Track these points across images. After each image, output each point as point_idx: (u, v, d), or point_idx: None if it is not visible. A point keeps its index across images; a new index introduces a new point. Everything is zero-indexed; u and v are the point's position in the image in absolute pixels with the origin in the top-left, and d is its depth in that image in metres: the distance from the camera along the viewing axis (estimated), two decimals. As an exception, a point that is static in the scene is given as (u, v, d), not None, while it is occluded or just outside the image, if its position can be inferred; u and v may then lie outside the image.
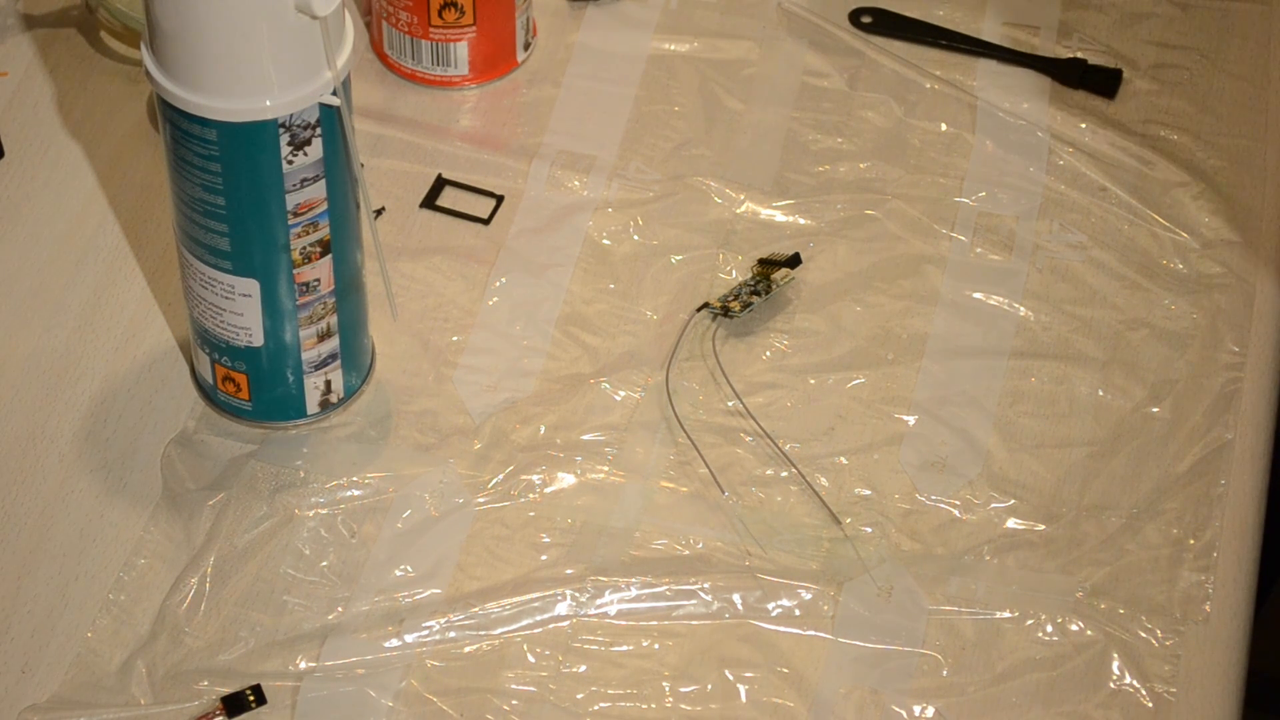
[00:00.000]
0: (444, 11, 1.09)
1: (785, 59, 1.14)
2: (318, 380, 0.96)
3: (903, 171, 1.09)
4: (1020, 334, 1.03)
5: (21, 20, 1.14)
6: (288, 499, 0.95)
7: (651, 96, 1.12)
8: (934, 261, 1.05)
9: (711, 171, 1.09)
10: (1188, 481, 0.97)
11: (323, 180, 0.88)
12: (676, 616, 0.92)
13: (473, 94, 1.12)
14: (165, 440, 0.97)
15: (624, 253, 1.05)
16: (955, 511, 0.96)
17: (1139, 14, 1.17)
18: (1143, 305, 1.04)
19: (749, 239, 1.06)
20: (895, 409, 1.00)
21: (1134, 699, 0.90)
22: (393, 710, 0.88)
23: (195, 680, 0.89)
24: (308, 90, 0.84)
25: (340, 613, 0.91)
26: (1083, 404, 1.00)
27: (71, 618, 0.91)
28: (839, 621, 0.92)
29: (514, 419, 0.98)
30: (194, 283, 0.92)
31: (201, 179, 0.87)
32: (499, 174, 1.09)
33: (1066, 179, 1.09)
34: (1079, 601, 0.93)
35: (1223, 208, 1.08)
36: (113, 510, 0.94)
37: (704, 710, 0.89)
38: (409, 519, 0.94)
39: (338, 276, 0.92)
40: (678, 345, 1.01)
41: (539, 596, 0.92)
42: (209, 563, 0.92)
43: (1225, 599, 0.93)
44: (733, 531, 0.95)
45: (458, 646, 0.90)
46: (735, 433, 0.98)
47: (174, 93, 0.84)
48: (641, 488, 0.96)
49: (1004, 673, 0.91)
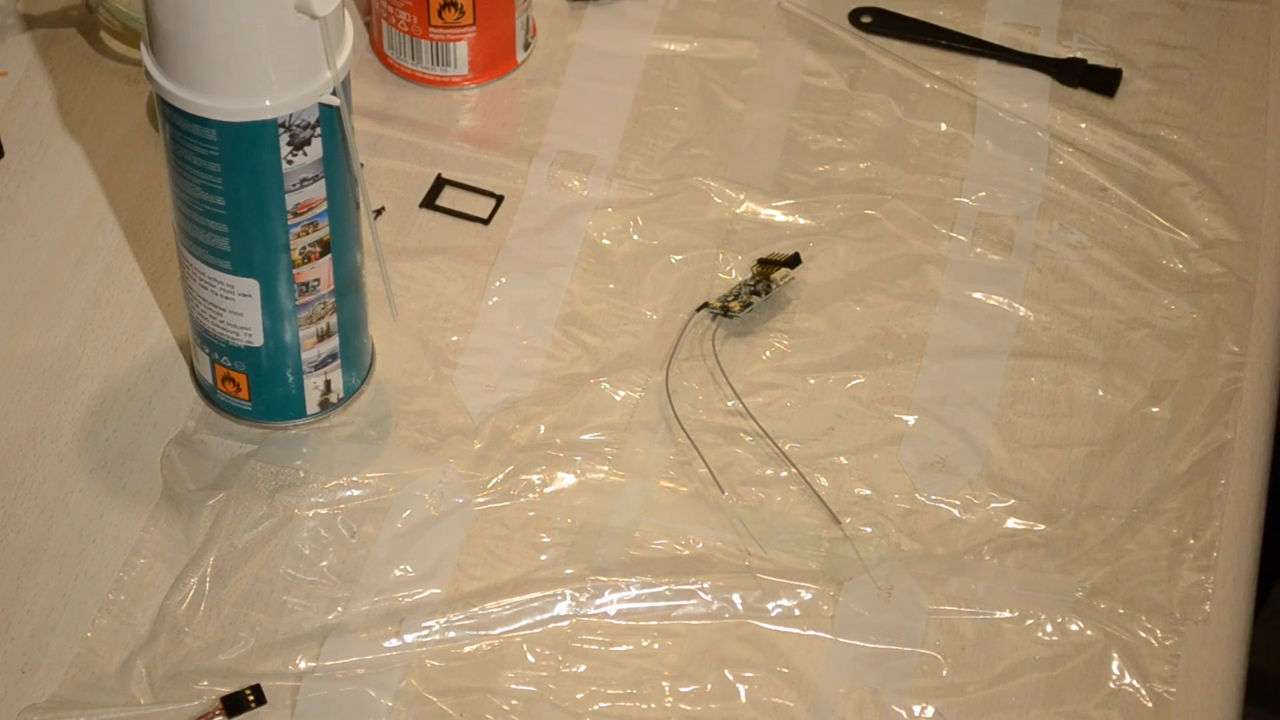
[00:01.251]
0: (444, 11, 1.09)
1: (785, 59, 1.14)
2: (317, 380, 0.96)
3: (903, 171, 1.09)
4: (1020, 334, 1.03)
5: (21, 20, 1.14)
6: (288, 499, 0.95)
7: (651, 96, 1.12)
8: (934, 261, 1.05)
9: (711, 171, 1.09)
10: (1188, 481, 0.97)
11: (322, 180, 0.88)
12: (676, 616, 0.92)
13: (473, 94, 1.12)
14: (165, 440, 0.97)
15: (624, 253, 1.05)
16: (955, 511, 0.96)
17: (1139, 14, 1.17)
18: (1143, 305, 1.04)
19: (749, 239, 1.06)
20: (895, 409, 1.00)
21: (1134, 699, 0.90)
22: (392, 710, 0.88)
23: (195, 680, 0.89)
24: (307, 90, 0.84)
25: (340, 613, 0.91)
26: (1083, 404, 1.00)
27: (71, 618, 0.91)
28: (839, 621, 0.92)
29: (514, 419, 0.98)
30: (194, 283, 0.92)
31: (201, 179, 0.87)
32: (499, 174, 1.09)
33: (1066, 179, 1.09)
34: (1079, 601, 0.93)
35: (1223, 208, 1.08)
36: (113, 510, 0.94)
37: (704, 710, 0.89)
38: (409, 519, 0.94)
39: (337, 276, 0.92)
40: (677, 345, 1.01)
41: (539, 596, 0.92)
42: (209, 563, 0.92)
43: (1225, 599, 0.93)
44: (733, 531, 0.95)
45: (457, 646, 0.90)
46: (735, 433, 0.98)
47: (174, 93, 0.84)
48: (641, 488, 0.96)
49: (1004, 673, 0.91)
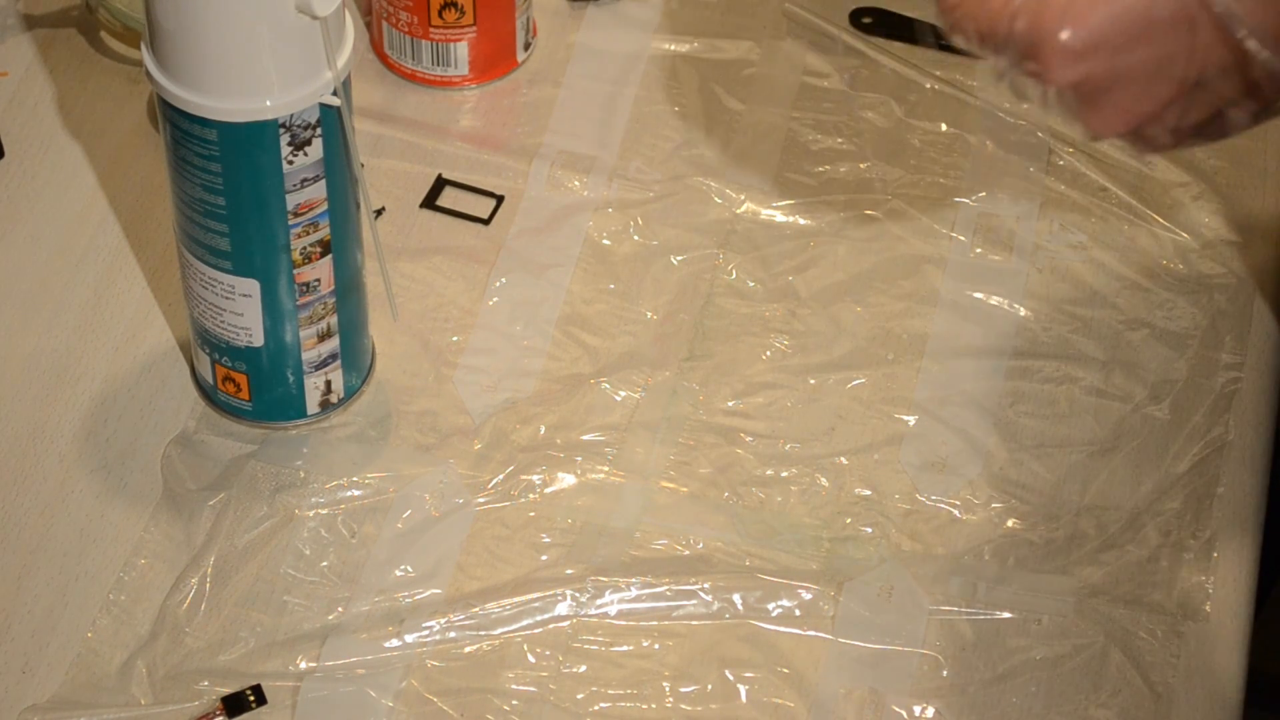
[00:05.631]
0: (444, 11, 1.09)
1: (785, 59, 1.14)
2: (318, 380, 0.96)
3: (903, 171, 1.09)
4: (1020, 334, 1.03)
5: (21, 20, 1.14)
6: (288, 499, 0.95)
7: (651, 96, 1.12)
8: (934, 261, 1.05)
9: (711, 171, 1.09)
10: (1188, 481, 0.97)
11: (323, 180, 0.88)
12: (676, 616, 0.92)
13: (473, 94, 1.12)
14: (165, 440, 0.97)
15: (624, 253, 1.05)
16: (955, 511, 0.96)
17: (1139, 14, 1.17)
18: (1143, 305, 1.04)
19: (749, 239, 1.06)
20: (895, 409, 1.00)
21: (1134, 699, 0.90)
22: (393, 710, 0.88)
23: (195, 680, 0.89)
24: (308, 90, 0.84)
25: (340, 613, 0.91)
26: (1083, 404, 1.00)
27: (71, 618, 0.91)
28: (839, 621, 0.92)
29: (514, 419, 0.98)
30: (194, 283, 0.92)
31: (202, 179, 0.87)
32: (499, 174, 1.09)
33: (1066, 179, 1.09)
34: (1079, 601, 0.93)
35: (1223, 208, 1.08)
36: (113, 510, 0.94)
37: (704, 710, 0.89)
38: (409, 519, 0.94)
39: (338, 276, 0.92)
40: (679, 345, 1.01)
41: (539, 596, 0.92)
42: (209, 563, 0.92)
43: (1225, 599, 0.93)
44: (733, 531, 0.95)
45: (458, 646, 0.90)
46: (735, 433, 0.98)
47: (174, 93, 0.84)
48: (641, 488, 0.96)
49: (1004, 673, 0.91)
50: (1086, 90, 0.72)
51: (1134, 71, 0.71)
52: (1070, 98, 0.73)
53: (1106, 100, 0.72)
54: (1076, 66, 0.71)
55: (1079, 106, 0.73)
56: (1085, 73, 0.71)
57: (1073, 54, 0.71)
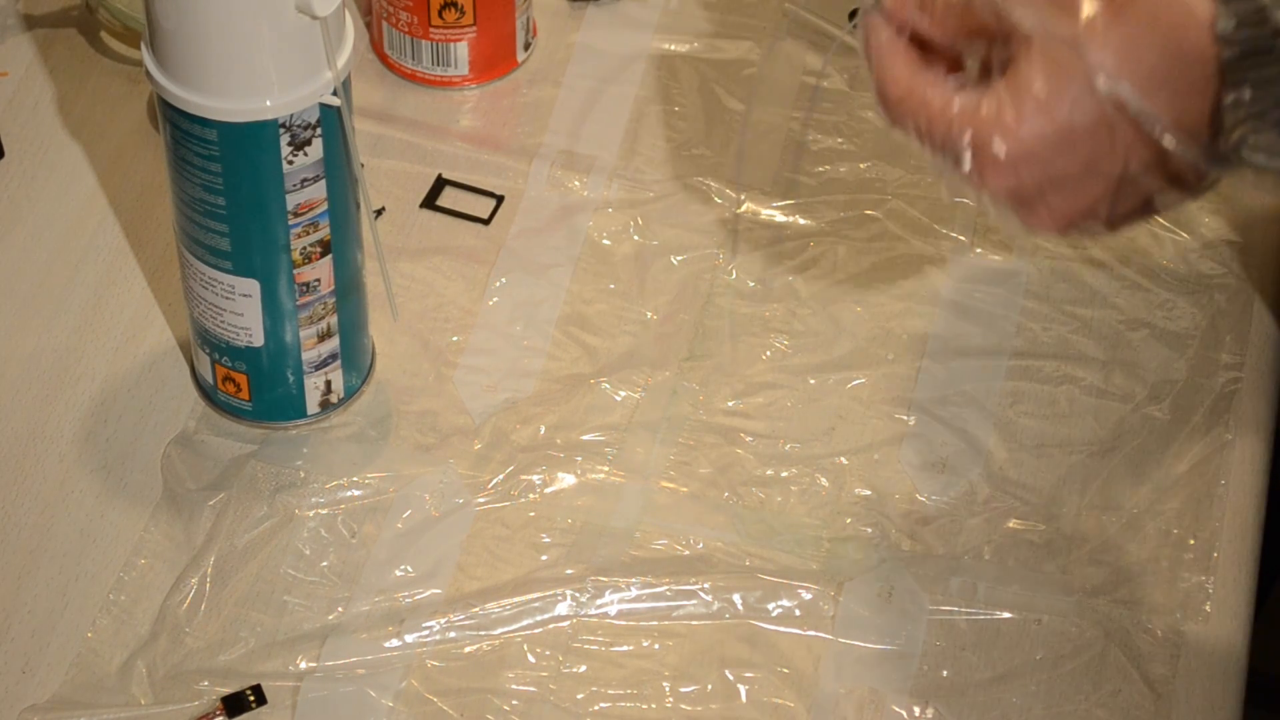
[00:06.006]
0: (444, 11, 1.09)
1: (785, 59, 1.14)
2: (318, 380, 0.96)
3: (903, 171, 1.09)
4: (1020, 334, 1.03)
5: (21, 20, 1.14)
6: (288, 499, 0.95)
7: (651, 96, 1.12)
8: (934, 261, 1.05)
9: (712, 171, 1.09)
10: (1188, 481, 0.97)
11: (323, 180, 0.88)
12: (677, 616, 0.92)
13: (473, 94, 1.12)
14: (165, 440, 0.97)
15: (624, 253, 1.05)
16: (955, 511, 0.96)
17: (1139, 14, 1.17)
18: (1143, 305, 1.04)
19: (749, 239, 1.06)
20: (895, 409, 1.00)
21: (1134, 699, 0.90)
22: (393, 710, 0.88)
23: (195, 680, 0.89)
24: (308, 90, 0.84)
25: (340, 613, 0.91)
26: (1083, 404, 1.00)
27: (71, 618, 0.91)
28: (839, 621, 0.92)
29: (514, 419, 0.98)
30: (194, 283, 0.92)
31: (202, 179, 0.87)
32: (499, 174, 1.09)
33: (1066, 179, 1.09)
34: (1079, 601, 0.93)
35: (1223, 208, 1.08)
36: (113, 510, 0.94)
37: (704, 710, 0.89)
38: (409, 519, 0.94)
39: (338, 276, 0.92)
40: (679, 345, 1.01)
41: (539, 596, 0.92)
42: (209, 563, 0.92)
43: (1225, 599, 0.93)
44: (733, 531, 0.95)
45: (458, 646, 0.90)
46: (735, 433, 0.98)
47: (174, 93, 0.84)
48: (641, 488, 0.96)
49: (1004, 673, 0.91)
50: (1021, 196, 0.74)
51: (1063, 176, 0.73)
52: (1005, 203, 0.75)
53: (1041, 203, 0.74)
54: (1009, 177, 0.73)
55: (1015, 210, 0.75)
56: (1018, 182, 0.74)
57: (1006, 165, 0.73)
